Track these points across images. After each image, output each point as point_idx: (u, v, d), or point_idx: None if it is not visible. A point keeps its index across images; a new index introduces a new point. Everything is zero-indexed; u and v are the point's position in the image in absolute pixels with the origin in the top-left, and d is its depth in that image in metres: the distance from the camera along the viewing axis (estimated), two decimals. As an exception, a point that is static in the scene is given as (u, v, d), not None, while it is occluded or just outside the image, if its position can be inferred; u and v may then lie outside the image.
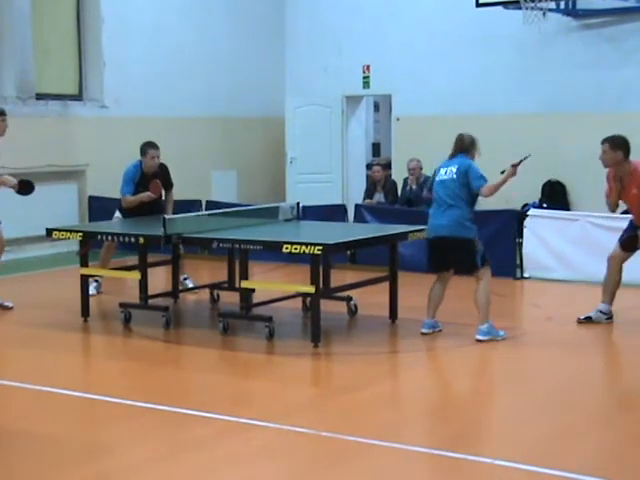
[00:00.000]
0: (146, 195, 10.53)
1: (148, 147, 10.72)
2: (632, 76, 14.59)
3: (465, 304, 10.15)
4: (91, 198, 14.67)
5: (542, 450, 5.84)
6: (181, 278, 10.64)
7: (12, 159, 13.52)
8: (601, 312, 9.20)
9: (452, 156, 8.72)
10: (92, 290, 10.28)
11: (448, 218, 8.46)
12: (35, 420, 6.51)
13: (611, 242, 11.13)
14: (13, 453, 5.87)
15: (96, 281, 10.62)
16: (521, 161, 8.51)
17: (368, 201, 14.36)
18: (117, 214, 10.80)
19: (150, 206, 10.55)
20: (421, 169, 14.28)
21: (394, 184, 14.68)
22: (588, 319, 9.14)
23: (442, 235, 8.51)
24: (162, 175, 10.80)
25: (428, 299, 8.72)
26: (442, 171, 8.65)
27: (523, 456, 5.70)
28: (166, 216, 9.03)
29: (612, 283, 9.20)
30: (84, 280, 9.51)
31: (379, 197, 14.49)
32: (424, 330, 8.70)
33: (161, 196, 10.81)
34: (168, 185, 10.85)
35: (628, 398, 7.02)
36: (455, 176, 8.49)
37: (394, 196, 14.43)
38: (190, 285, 10.73)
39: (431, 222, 8.63)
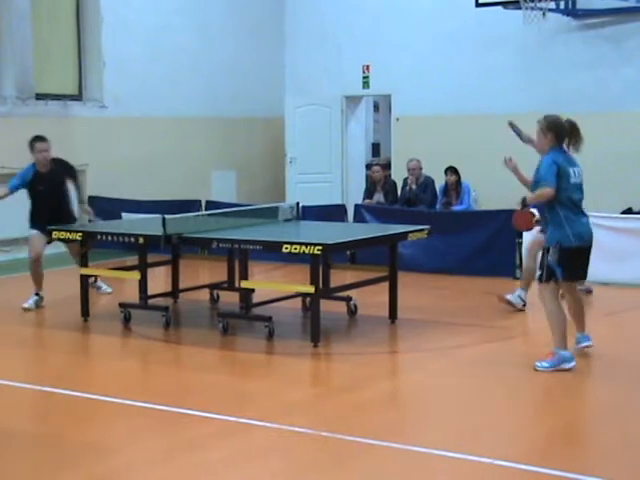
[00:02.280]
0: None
1: (35, 141, 10.35)
2: (632, 76, 14.59)
3: (462, 304, 10.16)
4: (91, 198, 14.64)
5: (542, 450, 5.84)
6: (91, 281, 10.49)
7: (11, 159, 13.56)
8: (520, 297, 9.65)
9: (560, 147, 7.96)
10: (30, 303, 10.05)
11: (589, 224, 7.88)
12: (35, 420, 6.52)
13: (611, 242, 11.17)
14: (13, 453, 5.86)
15: (37, 294, 10.16)
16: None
17: (368, 201, 14.37)
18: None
19: (52, 210, 10.20)
20: (421, 169, 14.29)
21: (394, 184, 14.69)
22: (508, 302, 9.65)
23: (591, 244, 7.75)
24: (59, 171, 10.37)
25: (559, 326, 7.59)
26: (572, 172, 7.91)
27: (523, 456, 5.70)
28: (166, 216, 9.01)
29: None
30: (84, 280, 9.50)
31: (379, 197, 14.49)
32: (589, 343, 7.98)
33: (59, 203, 10.35)
34: (68, 177, 10.44)
35: (628, 398, 7.01)
36: (581, 181, 8.00)
37: (394, 196, 14.44)
38: (106, 290, 10.69)
39: (582, 229, 7.70)
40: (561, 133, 7.85)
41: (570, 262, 7.52)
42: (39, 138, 10.35)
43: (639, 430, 6.28)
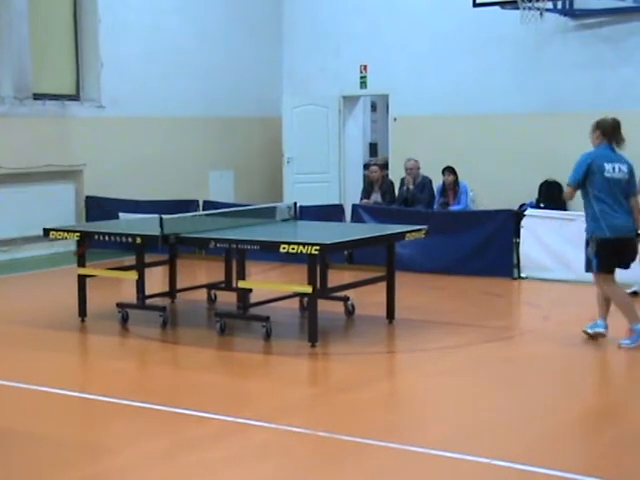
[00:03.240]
0: None
1: None
2: (630, 76, 14.60)
3: (460, 304, 10.16)
4: (88, 198, 14.66)
5: (540, 450, 5.84)
6: None
7: (9, 159, 13.57)
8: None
9: (617, 143, 8.10)
10: None
11: (629, 217, 8.11)
12: (34, 420, 6.50)
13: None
14: (12, 453, 5.86)
15: None
16: None
17: (365, 201, 14.37)
18: None
19: None
20: (418, 169, 14.29)
21: (391, 184, 14.69)
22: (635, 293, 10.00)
23: (629, 236, 8.14)
24: None
25: (625, 305, 8.23)
26: (609, 167, 8.03)
27: (521, 456, 5.70)
28: (163, 216, 9.01)
29: None
30: (81, 280, 9.50)
31: (376, 197, 14.48)
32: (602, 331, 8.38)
33: None
34: None
35: (627, 397, 7.02)
36: (627, 176, 8.07)
37: (391, 196, 14.43)
38: None
39: (617, 222, 8.03)
40: (606, 130, 8.20)
41: (606, 254, 8.03)
42: None
43: (639, 430, 6.29)
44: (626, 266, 8.33)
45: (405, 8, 16.56)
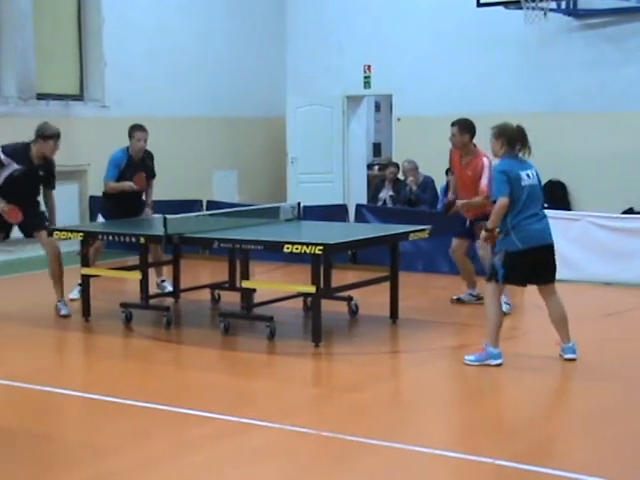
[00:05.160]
0: (128, 185, 10.22)
1: (135, 130, 10.46)
2: (634, 76, 14.59)
3: (463, 304, 10.15)
4: (92, 198, 14.66)
5: (542, 450, 5.84)
6: (158, 280, 10.61)
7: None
8: (471, 295, 10.01)
9: (516, 154, 7.73)
10: (75, 293, 10.23)
11: (547, 224, 7.82)
12: (37, 420, 6.51)
13: (612, 242, 11.19)
14: (13, 453, 5.87)
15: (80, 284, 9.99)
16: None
17: (381, 195, 14.64)
18: (100, 218, 10.63)
19: (130, 201, 10.37)
20: (417, 169, 14.35)
21: (402, 183, 14.86)
22: (459, 300, 10.05)
23: (549, 243, 7.77)
24: (147, 162, 10.57)
25: (495, 324, 7.72)
26: (524, 175, 7.61)
27: (523, 456, 5.70)
28: (167, 216, 9.03)
29: (466, 271, 9.90)
30: (85, 280, 9.50)
31: (386, 193, 14.63)
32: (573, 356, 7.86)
33: (143, 190, 10.54)
34: (151, 175, 10.65)
35: (628, 398, 7.01)
36: (537, 181, 7.79)
37: (398, 195, 14.60)
38: (169, 288, 10.53)
39: (536, 228, 7.64)
40: (512, 139, 7.71)
41: (514, 266, 7.55)
42: (139, 127, 10.51)
43: (639, 430, 6.30)
44: (541, 281, 7.78)
45: (409, 8, 16.55)
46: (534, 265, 7.63)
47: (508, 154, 7.71)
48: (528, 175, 7.65)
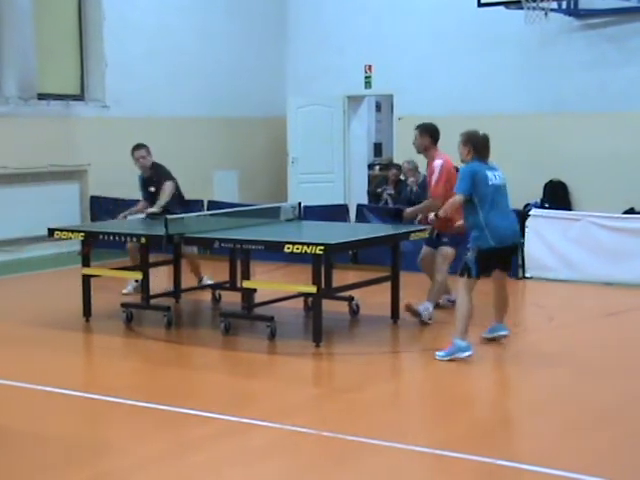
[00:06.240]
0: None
1: (132, 152, 10.92)
2: (635, 75, 14.58)
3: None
4: (93, 198, 14.67)
5: (543, 450, 5.83)
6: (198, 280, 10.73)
7: (14, 159, 13.58)
8: (449, 300, 9.91)
9: (485, 158, 8.16)
10: (129, 288, 10.52)
11: (516, 224, 8.40)
12: (38, 420, 6.51)
13: (613, 242, 11.19)
14: (13, 453, 5.86)
15: (136, 281, 10.31)
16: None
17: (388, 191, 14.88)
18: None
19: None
20: (416, 168, 14.36)
21: (404, 183, 14.90)
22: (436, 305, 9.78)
23: (515, 242, 8.37)
24: (157, 175, 10.75)
25: (465, 318, 8.00)
26: (490, 175, 8.03)
27: (524, 456, 5.70)
28: (168, 216, 9.03)
29: (440, 280, 9.50)
30: (86, 280, 9.50)
31: (389, 190, 14.78)
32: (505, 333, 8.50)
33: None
34: (162, 181, 10.72)
35: (628, 398, 7.01)
36: (503, 182, 8.17)
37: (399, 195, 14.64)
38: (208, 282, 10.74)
39: (505, 227, 8.03)
40: (478, 146, 8.15)
41: (487, 261, 8.00)
42: (136, 147, 10.96)
43: (639, 430, 6.30)
44: (504, 267, 8.39)
45: (409, 8, 16.54)
46: (499, 257, 8.15)
47: (476, 159, 8.10)
48: (495, 176, 8.08)
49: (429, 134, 9.60)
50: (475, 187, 7.97)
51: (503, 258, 8.25)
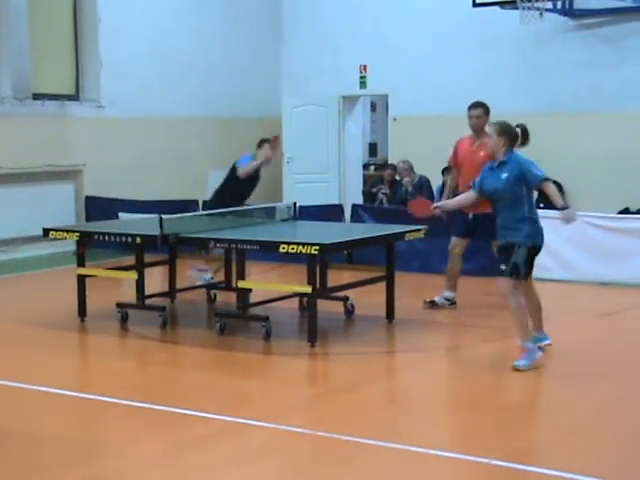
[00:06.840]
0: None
1: (265, 142, 11.25)
2: (629, 76, 14.60)
3: (459, 303, 10.15)
4: (88, 198, 14.66)
5: (541, 450, 5.84)
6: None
7: (9, 159, 13.57)
8: (445, 299, 9.87)
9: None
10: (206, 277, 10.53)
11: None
12: (33, 420, 6.50)
13: (608, 242, 11.19)
14: (8, 453, 5.85)
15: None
16: None
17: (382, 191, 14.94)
18: None
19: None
20: (411, 169, 14.37)
21: (399, 183, 14.91)
22: (432, 303, 9.84)
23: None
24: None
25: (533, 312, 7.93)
26: None
27: (521, 456, 5.70)
28: (163, 216, 9.01)
29: (454, 272, 9.85)
30: (81, 280, 9.49)
31: (384, 190, 14.78)
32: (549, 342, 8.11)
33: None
34: None
35: (627, 398, 7.01)
36: None
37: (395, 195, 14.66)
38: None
39: (541, 228, 7.94)
40: (512, 139, 7.97)
41: (532, 261, 7.80)
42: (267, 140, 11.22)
43: (637, 430, 6.29)
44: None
45: (405, 8, 16.55)
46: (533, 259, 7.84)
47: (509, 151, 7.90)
48: None
49: (488, 114, 9.99)
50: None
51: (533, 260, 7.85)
